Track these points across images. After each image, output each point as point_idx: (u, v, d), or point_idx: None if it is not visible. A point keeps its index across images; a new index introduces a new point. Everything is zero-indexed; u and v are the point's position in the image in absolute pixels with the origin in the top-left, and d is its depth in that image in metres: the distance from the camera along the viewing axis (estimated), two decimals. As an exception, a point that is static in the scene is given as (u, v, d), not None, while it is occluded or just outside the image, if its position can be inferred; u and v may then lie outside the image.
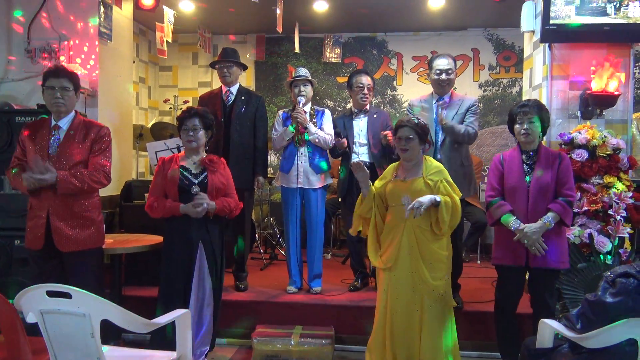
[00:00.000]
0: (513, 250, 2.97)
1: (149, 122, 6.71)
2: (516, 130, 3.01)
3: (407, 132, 2.92)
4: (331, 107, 6.78)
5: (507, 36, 6.54)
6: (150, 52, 6.89)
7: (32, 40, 4.31)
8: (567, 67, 4.11)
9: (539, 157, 2.99)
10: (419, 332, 2.86)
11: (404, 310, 2.87)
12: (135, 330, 2.20)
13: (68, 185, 2.87)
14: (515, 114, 3.02)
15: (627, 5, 3.87)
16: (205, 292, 3.12)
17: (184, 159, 3.19)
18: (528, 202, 2.95)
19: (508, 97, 6.58)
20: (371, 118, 4.12)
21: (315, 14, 5.90)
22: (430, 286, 2.84)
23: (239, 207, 3.25)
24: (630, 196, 3.51)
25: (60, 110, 3.00)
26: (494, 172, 3.09)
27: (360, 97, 4.08)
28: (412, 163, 2.97)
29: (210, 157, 3.18)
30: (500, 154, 3.14)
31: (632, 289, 1.87)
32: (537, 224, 2.88)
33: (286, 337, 3.49)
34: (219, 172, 3.17)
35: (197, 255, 3.09)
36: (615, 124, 4.04)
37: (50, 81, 2.97)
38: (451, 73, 3.72)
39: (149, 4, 4.84)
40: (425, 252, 2.87)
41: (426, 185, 2.88)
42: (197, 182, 3.09)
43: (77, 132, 3.02)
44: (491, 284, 4.26)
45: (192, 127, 3.11)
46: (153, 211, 3.11)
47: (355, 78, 4.12)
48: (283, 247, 5.37)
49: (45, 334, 2.08)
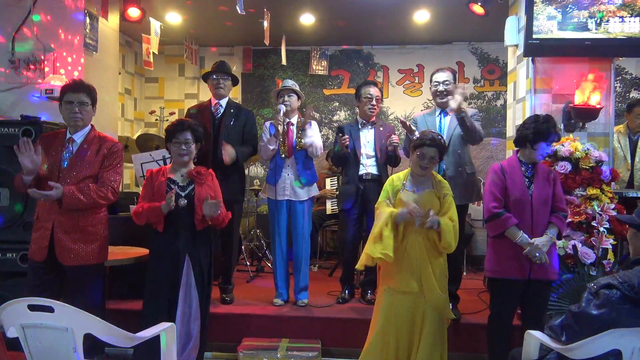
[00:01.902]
0: (517, 262, 2.94)
1: (134, 133, 6.67)
2: (540, 149, 2.97)
3: (433, 152, 2.97)
4: (317, 119, 6.81)
5: (491, 50, 6.65)
6: (137, 64, 6.87)
7: (16, 51, 4.27)
8: (550, 81, 4.18)
9: (536, 170, 3.03)
10: (417, 345, 2.89)
11: (408, 325, 2.90)
12: (119, 344, 2.16)
13: (73, 200, 2.85)
14: (548, 133, 2.94)
15: (607, 21, 3.96)
16: (192, 306, 3.06)
17: (172, 171, 3.14)
18: (532, 215, 2.96)
19: (492, 110, 6.66)
20: (378, 130, 4.13)
21: (302, 27, 5.94)
22: (437, 298, 2.90)
23: (227, 216, 3.22)
24: (613, 208, 3.56)
25: (78, 124, 3.00)
26: (496, 183, 3.03)
27: (369, 107, 4.11)
28: (425, 177, 3.06)
29: (197, 169, 3.14)
30: (499, 163, 3.12)
31: (615, 300, 1.87)
32: (545, 238, 2.92)
33: (273, 350, 3.46)
34: (207, 184, 3.13)
35: (184, 268, 3.04)
36: (597, 137, 4.11)
37: (69, 96, 2.96)
38: (448, 84, 3.78)
39: (135, 16, 4.83)
40: (434, 264, 2.94)
41: (437, 197, 2.99)
42: (184, 195, 3.05)
43: (90, 147, 3.01)
44: (477, 296, 4.28)
45: (185, 141, 3.07)
46: (138, 217, 3.04)
47: (363, 89, 4.15)
48: (269, 259, 5.35)
49: (26, 349, 2.04)
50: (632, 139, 4.65)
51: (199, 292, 3.07)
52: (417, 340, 2.89)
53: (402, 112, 6.76)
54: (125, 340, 2.16)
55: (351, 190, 4.08)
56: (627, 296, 1.86)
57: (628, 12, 3.94)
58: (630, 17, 3.94)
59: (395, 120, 6.79)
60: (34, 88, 4.13)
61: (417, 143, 3.00)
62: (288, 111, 4.01)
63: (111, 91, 4.88)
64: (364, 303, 4.07)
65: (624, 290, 1.87)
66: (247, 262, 5.46)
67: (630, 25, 3.95)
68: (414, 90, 6.79)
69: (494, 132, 6.59)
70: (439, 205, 2.97)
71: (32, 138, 3.63)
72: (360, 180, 4.07)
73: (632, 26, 3.95)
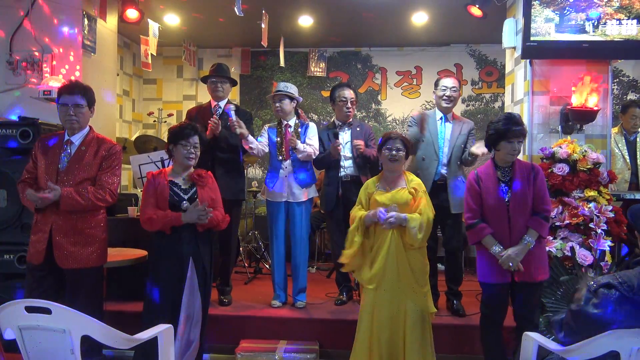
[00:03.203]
0: (498, 267, 2.90)
1: (132, 135, 6.66)
2: (505, 148, 2.89)
3: (397, 143, 3.10)
4: (316, 120, 6.81)
5: (489, 52, 6.66)
6: (135, 65, 6.87)
7: (14, 52, 4.27)
8: (547, 83, 4.19)
9: (514, 172, 2.93)
10: (402, 340, 2.92)
11: (389, 321, 2.93)
12: (117, 346, 2.15)
13: (71, 202, 2.84)
14: (506, 131, 2.87)
15: (604, 23, 3.97)
16: (195, 308, 3.03)
17: (173, 174, 3.09)
18: (509, 220, 2.89)
19: (490, 112, 6.67)
20: (354, 131, 4.14)
21: (301, 29, 5.95)
22: (417, 293, 2.96)
23: (226, 221, 3.20)
24: (611, 209, 3.57)
25: (74, 127, 2.98)
26: (471, 192, 2.99)
27: (345, 110, 4.11)
28: (396, 174, 3.13)
29: (198, 172, 3.11)
30: (475, 170, 3.04)
31: (614, 300, 1.87)
32: (519, 247, 2.85)
33: (270, 352, 3.46)
34: (208, 187, 3.11)
35: (188, 271, 3.00)
36: (595, 139, 4.12)
37: (64, 98, 2.95)
38: (455, 91, 3.87)
39: (133, 17, 4.83)
40: (411, 260, 2.99)
41: (410, 194, 3.04)
42: (186, 198, 3.03)
43: (88, 149, 2.99)
44: (475, 297, 4.27)
45: (194, 144, 3.03)
46: (153, 224, 2.96)
47: (337, 92, 4.14)
48: (267, 261, 5.34)
49: (23, 351, 2.03)
50: (629, 140, 4.67)
51: (201, 294, 3.05)
52: (402, 337, 2.92)
53: (400, 114, 6.76)
54: (123, 342, 2.16)
55: (332, 192, 4.09)
56: (626, 297, 1.85)
57: (625, 14, 3.96)
58: (628, 19, 3.96)
59: (393, 122, 6.80)
60: (32, 89, 4.12)
61: (383, 140, 3.15)
62: (280, 114, 4.03)
63: (109, 92, 4.87)
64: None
65: (622, 290, 1.86)
66: (245, 264, 5.46)
67: (627, 27, 3.96)
68: (412, 92, 6.80)
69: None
70: (412, 202, 3.03)
71: (30, 139, 3.64)
72: (341, 182, 4.08)
73: (629, 29, 3.96)
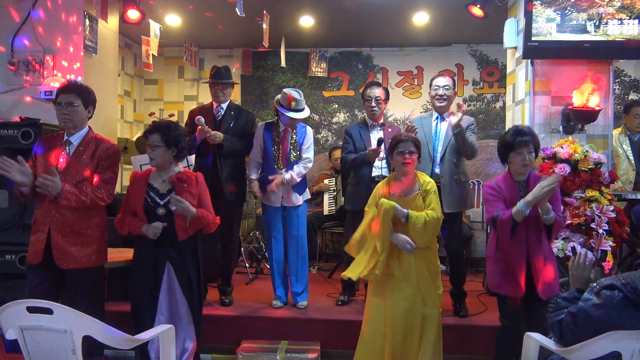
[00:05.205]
0: (513, 281, 2.83)
1: (133, 135, 6.67)
2: (515, 160, 2.85)
3: (410, 146, 3.01)
4: (317, 121, 6.82)
5: (491, 52, 6.65)
6: (136, 66, 6.87)
7: (15, 53, 4.27)
8: (549, 83, 4.18)
9: (528, 185, 2.87)
10: (417, 341, 2.91)
11: (405, 320, 2.92)
12: (118, 346, 2.16)
13: (70, 195, 2.82)
14: (512, 143, 2.83)
15: (606, 23, 3.97)
16: (179, 313, 2.98)
17: (153, 176, 3.02)
18: (527, 235, 2.82)
19: (492, 112, 6.67)
20: (387, 132, 4.06)
21: (302, 29, 5.95)
22: (433, 295, 2.96)
23: (216, 223, 3.10)
24: (612, 210, 3.56)
25: (68, 126, 2.98)
26: (495, 197, 2.88)
27: (370, 109, 4.06)
28: (409, 178, 3.05)
29: (178, 175, 2.96)
30: (493, 181, 2.98)
31: (617, 302, 1.85)
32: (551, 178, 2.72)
33: (272, 353, 3.45)
34: (188, 192, 2.95)
35: (164, 275, 2.95)
36: (596, 139, 4.11)
37: (59, 97, 2.96)
38: (448, 89, 3.82)
39: (134, 18, 4.83)
40: (428, 263, 3.00)
41: (422, 200, 3.00)
42: (162, 204, 2.93)
43: (86, 149, 2.99)
44: (477, 297, 4.27)
45: (152, 144, 2.95)
46: (121, 227, 2.99)
47: (366, 90, 4.11)
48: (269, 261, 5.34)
49: (25, 351, 2.04)
50: (634, 140, 4.66)
51: (187, 297, 2.99)
52: (417, 339, 2.91)
53: (402, 114, 6.76)
54: (124, 342, 2.16)
55: (362, 192, 3.89)
56: (629, 298, 1.83)
57: (627, 14, 3.95)
58: (629, 19, 3.95)
59: (394, 122, 6.79)
60: (34, 90, 4.13)
61: (393, 144, 3.06)
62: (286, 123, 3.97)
63: (110, 93, 4.87)
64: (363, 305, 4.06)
65: (626, 292, 1.84)
66: (247, 264, 5.46)
67: (629, 27, 3.96)
68: (413, 92, 6.79)
69: (493, 134, 6.59)
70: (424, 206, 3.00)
71: (32, 140, 3.65)
72: (373, 182, 3.96)
73: (630, 28, 3.96)
